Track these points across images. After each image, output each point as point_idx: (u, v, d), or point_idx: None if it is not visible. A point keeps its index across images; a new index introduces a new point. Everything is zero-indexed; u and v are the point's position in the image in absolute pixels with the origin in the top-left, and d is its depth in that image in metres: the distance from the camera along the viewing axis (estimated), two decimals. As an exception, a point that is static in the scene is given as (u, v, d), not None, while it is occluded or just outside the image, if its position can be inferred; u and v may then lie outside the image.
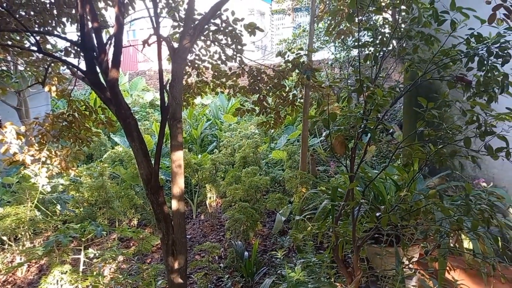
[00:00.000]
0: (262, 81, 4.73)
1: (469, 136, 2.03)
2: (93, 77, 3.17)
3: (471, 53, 1.89)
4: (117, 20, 3.04)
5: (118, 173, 5.99)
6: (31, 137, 4.56)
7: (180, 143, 3.16)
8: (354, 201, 2.02)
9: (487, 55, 1.87)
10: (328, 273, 2.29)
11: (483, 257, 2.21)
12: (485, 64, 1.87)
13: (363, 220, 2.36)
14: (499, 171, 3.42)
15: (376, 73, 1.99)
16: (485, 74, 1.95)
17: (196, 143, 8.31)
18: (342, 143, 1.98)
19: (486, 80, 1.91)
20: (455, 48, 1.98)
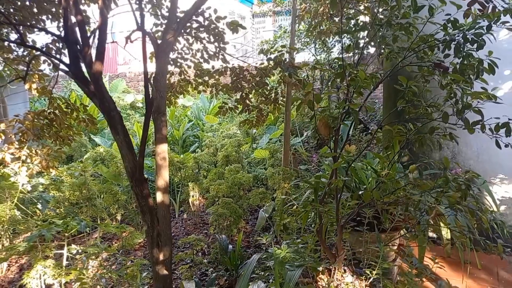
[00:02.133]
0: (245, 79, 4.82)
1: (447, 112, 2.17)
2: (77, 71, 3.18)
3: (448, 39, 2.02)
4: (101, 13, 3.08)
5: (100, 172, 5.95)
6: (11, 135, 4.51)
7: (164, 136, 3.21)
8: (338, 179, 2.13)
9: (463, 41, 2.01)
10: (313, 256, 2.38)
11: (460, 232, 2.33)
12: (461, 50, 2.01)
13: (346, 203, 2.47)
14: (475, 162, 3.60)
15: (358, 58, 2.11)
16: (461, 60, 2.10)
17: (178, 144, 8.32)
18: (326, 125, 2.08)
19: (462, 66, 2.05)
20: (433, 35, 2.11)
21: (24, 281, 3.31)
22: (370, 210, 2.23)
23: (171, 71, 5.17)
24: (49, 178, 5.67)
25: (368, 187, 2.80)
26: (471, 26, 2.01)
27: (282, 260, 2.16)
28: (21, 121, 4.43)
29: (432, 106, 2.13)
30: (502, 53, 3.46)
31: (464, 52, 2.01)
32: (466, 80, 2.06)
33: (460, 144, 3.42)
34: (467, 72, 2.05)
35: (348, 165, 2.29)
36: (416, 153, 3.54)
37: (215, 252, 4.09)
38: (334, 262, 2.23)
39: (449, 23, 2.06)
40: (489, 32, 2.00)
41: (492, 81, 3.51)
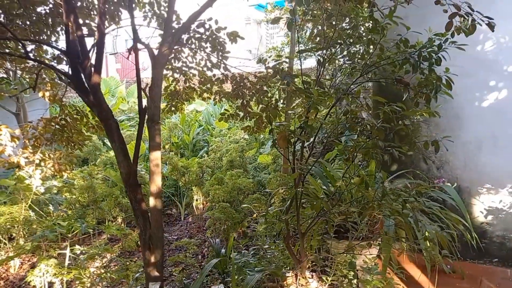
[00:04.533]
0: (245, 87, 4.95)
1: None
2: (77, 82, 3.39)
3: (403, 57, 2.10)
4: (99, 28, 3.28)
5: (109, 176, 6.21)
6: (26, 140, 4.79)
7: (158, 143, 3.37)
8: (294, 190, 2.22)
9: (418, 59, 2.08)
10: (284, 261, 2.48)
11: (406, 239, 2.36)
12: (417, 67, 2.08)
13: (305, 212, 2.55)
14: (462, 172, 3.60)
15: (318, 75, 2.20)
16: (425, 77, 2.16)
17: (188, 148, 8.53)
18: (284, 138, 2.18)
19: (421, 82, 2.12)
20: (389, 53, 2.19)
21: (28, 279, 3.54)
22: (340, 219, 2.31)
23: (177, 79, 5.35)
24: (61, 181, 5.96)
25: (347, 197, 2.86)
26: (424, 45, 2.07)
27: (243, 265, 2.26)
28: (35, 127, 4.73)
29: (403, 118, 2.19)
30: (488, 64, 3.47)
31: (419, 68, 2.07)
32: (428, 94, 2.11)
33: (448, 154, 3.43)
34: (428, 87, 2.10)
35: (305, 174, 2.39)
36: (405, 162, 3.57)
37: (212, 255, 4.22)
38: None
39: (401, 43, 2.13)
40: (442, 51, 2.05)
41: (478, 92, 3.52)
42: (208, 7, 3.73)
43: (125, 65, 17.43)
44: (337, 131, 3.39)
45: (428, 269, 2.84)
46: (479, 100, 3.48)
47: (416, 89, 2.14)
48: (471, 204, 3.60)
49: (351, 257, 2.56)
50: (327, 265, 2.57)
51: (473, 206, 3.60)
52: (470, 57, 3.22)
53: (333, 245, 2.71)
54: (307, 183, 2.86)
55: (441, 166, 3.55)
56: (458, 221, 2.99)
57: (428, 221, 2.60)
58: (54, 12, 4.55)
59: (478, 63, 3.44)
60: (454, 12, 2.54)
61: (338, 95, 2.25)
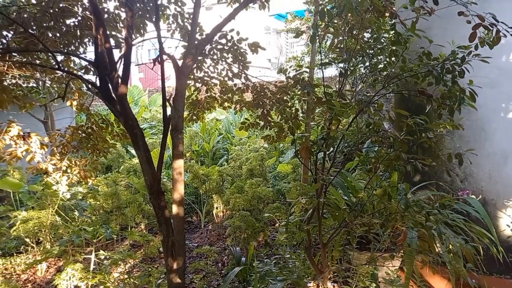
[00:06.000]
0: (266, 96, 5.00)
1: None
2: (105, 92, 3.52)
3: (426, 69, 2.10)
4: (126, 41, 3.41)
5: (132, 183, 6.35)
6: (54, 147, 4.98)
7: (181, 152, 3.45)
8: (316, 200, 2.23)
9: (440, 71, 2.07)
10: (305, 271, 2.49)
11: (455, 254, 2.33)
12: (438, 79, 2.07)
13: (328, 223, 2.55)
14: (487, 184, 3.52)
15: (340, 87, 2.23)
16: (449, 89, 2.16)
17: (208, 156, 8.64)
18: (307, 149, 2.20)
19: (444, 94, 2.11)
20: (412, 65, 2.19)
21: (55, 282, 3.66)
22: (362, 229, 2.30)
23: (199, 88, 5.46)
24: (86, 187, 6.14)
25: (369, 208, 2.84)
26: (447, 58, 2.06)
27: (265, 274, 2.28)
28: (62, 135, 4.91)
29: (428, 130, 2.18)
30: (511, 74, 3.40)
31: (442, 81, 2.06)
32: (451, 106, 2.10)
33: (472, 166, 3.36)
34: (451, 99, 2.09)
35: (326, 186, 2.39)
36: (428, 173, 3.52)
37: (232, 263, 4.25)
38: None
39: (424, 55, 2.13)
40: (466, 63, 2.04)
41: (503, 103, 3.44)
42: (231, 20, 3.82)
43: (148, 74, 17.85)
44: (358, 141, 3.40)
45: (453, 282, 2.78)
46: (504, 111, 3.40)
47: (439, 101, 2.14)
48: (497, 217, 3.50)
49: (373, 268, 2.54)
50: (349, 276, 2.56)
51: (499, 219, 3.50)
52: (495, 68, 3.17)
53: (354, 256, 2.70)
54: (328, 193, 2.87)
55: (465, 178, 3.48)
56: (483, 234, 2.92)
57: (452, 233, 2.55)
58: (82, 24, 4.75)
59: (503, 73, 3.38)
60: (478, 23, 2.52)
61: (360, 106, 2.26)
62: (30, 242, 5.28)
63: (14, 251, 5.38)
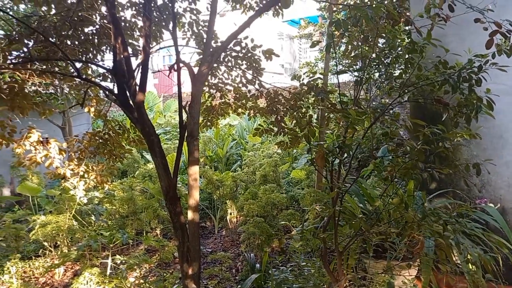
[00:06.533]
0: (279, 103, 5.02)
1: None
2: (123, 99, 3.59)
3: (442, 78, 2.09)
4: (144, 50, 3.48)
5: (148, 188, 6.43)
6: (72, 152, 5.08)
7: (196, 158, 3.49)
8: (330, 209, 2.23)
9: (457, 80, 2.06)
10: (321, 279, 2.48)
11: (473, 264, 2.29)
12: (455, 87, 2.06)
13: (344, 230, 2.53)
14: (506, 192, 3.45)
15: (355, 95, 2.23)
16: (465, 97, 2.14)
17: (221, 162, 8.69)
18: (322, 157, 2.21)
19: (461, 103, 2.09)
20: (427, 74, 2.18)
21: (73, 286, 3.72)
22: (378, 238, 2.29)
23: (213, 94, 5.52)
24: (103, 192, 6.24)
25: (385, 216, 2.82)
26: (463, 66, 2.05)
27: (282, 282, 2.29)
28: (80, 141, 5.02)
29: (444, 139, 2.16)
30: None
31: (458, 90, 2.05)
32: (468, 114, 2.08)
33: (490, 174, 3.30)
34: (468, 107, 2.07)
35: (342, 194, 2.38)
36: (445, 181, 3.47)
37: (246, 270, 4.26)
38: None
39: (440, 64, 2.12)
40: (482, 72, 2.02)
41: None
42: (246, 28, 3.86)
43: (163, 80, 18.10)
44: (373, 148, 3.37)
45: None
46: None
47: (455, 109, 2.12)
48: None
49: (390, 277, 2.51)
50: (364, 285, 2.54)
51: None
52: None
53: (370, 265, 2.68)
54: (343, 200, 2.86)
55: (482, 186, 3.42)
56: (502, 244, 2.86)
57: (470, 243, 2.51)
58: (100, 32, 4.86)
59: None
60: (494, 30, 2.49)
61: (376, 115, 2.26)
62: (48, 246, 5.39)
63: (33, 254, 5.49)
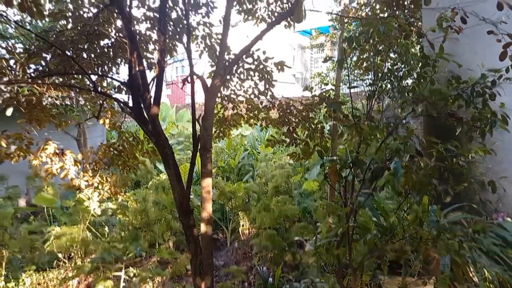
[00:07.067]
0: (291, 114, 5.03)
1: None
2: (138, 112, 3.65)
3: (455, 93, 2.06)
4: (159, 64, 3.53)
5: (161, 199, 6.46)
6: (86, 164, 5.15)
7: (209, 170, 3.50)
8: (345, 225, 2.20)
9: (470, 95, 2.03)
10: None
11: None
12: (468, 102, 2.03)
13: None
14: (524, 205, 3.37)
15: (368, 110, 2.22)
16: (479, 111, 2.11)
17: (233, 173, 8.69)
18: (335, 173, 2.19)
19: (475, 117, 2.06)
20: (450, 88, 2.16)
21: (87, 298, 3.73)
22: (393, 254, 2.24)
23: (225, 105, 5.55)
24: (116, 203, 6.29)
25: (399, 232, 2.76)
26: (477, 81, 2.02)
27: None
28: (95, 152, 5.09)
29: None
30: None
31: (472, 104, 2.02)
32: (483, 128, 2.05)
33: (507, 187, 3.22)
34: (482, 122, 2.04)
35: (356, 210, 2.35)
36: (460, 194, 3.39)
37: (259, 284, 4.21)
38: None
39: (453, 79, 2.09)
40: (494, 86, 1.98)
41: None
42: (258, 41, 3.89)
43: (176, 91, 18.30)
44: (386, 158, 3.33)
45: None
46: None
47: (469, 123, 2.09)
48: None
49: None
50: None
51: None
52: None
53: (385, 281, 2.63)
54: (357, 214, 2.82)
55: (499, 199, 3.33)
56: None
57: (488, 260, 2.44)
58: (115, 45, 4.96)
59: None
60: (508, 42, 2.46)
61: (389, 129, 2.24)
62: (62, 257, 5.43)
63: (47, 266, 5.54)
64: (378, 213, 2.93)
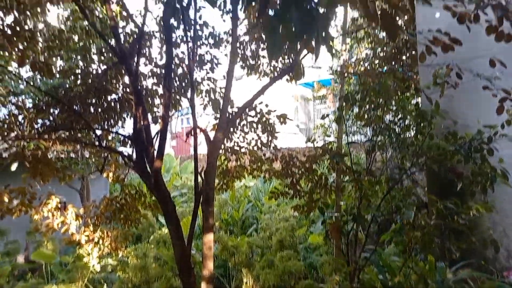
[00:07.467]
0: (295, 166, 5.02)
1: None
2: (141, 167, 3.66)
3: (453, 148, 2.06)
4: (163, 119, 3.61)
5: (162, 255, 6.27)
6: (88, 218, 5.08)
7: (211, 225, 3.43)
8: (350, 286, 2.09)
9: (468, 151, 2.03)
10: None
11: None
12: (468, 157, 2.03)
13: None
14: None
15: (368, 165, 2.21)
16: (479, 166, 2.09)
17: (237, 225, 8.51)
18: (337, 230, 2.13)
19: (475, 172, 2.05)
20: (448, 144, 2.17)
21: None
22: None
23: (229, 157, 5.57)
24: (116, 259, 6.11)
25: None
26: (473, 137, 2.04)
27: None
28: (97, 206, 5.04)
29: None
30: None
31: (471, 159, 2.02)
32: (483, 183, 2.02)
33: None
34: (482, 177, 2.02)
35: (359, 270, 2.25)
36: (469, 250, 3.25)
37: None
38: None
39: (450, 135, 2.11)
40: (491, 142, 2.00)
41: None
42: (260, 95, 4.00)
43: (180, 142, 18.54)
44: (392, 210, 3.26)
45: None
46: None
47: (469, 178, 2.07)
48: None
49: None
50: None
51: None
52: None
53: None
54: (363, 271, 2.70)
55: (509, 255, 3.18)
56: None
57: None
58: (122, 100, 5.10)
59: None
60: (504, 97, 2.50)
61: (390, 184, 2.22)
62: (57, 318, 5.18)
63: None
64: (384, 271, 2.81)
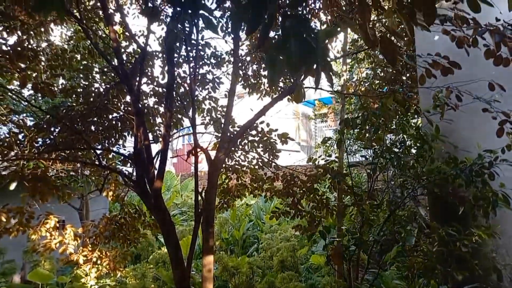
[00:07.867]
0: (296, 185, 4.98)
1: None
2: (142, 187, 3.63)
3: (454, 173, 2.05)
4: (164, 139, 3.60)
5: (161, 275, 6.16)
6: (86, 238, 5.01)
7: (211, 246, 3.37)
8: None
9: (469, 175, 2.02)
10: None
11: None
12: (469, 182, 2.01)
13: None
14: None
15: (369, 188, 2.18)
16: (480, 191, 2.07)
17: (237, 245, 8.39)
18: (339, 255, 2.09)
19: (476, 196, 2.02)
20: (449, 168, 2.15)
21: None
22: None
23: (230, 176, 5.54)
24: (115, 279, 5.99)
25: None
26: (474, 162, 2.03)
27: None
28: (96, 225, 4.98)
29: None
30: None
31: (472, 184, 2.00)
32: (485, 208, 1.99)
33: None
34: (484, 201, 2.00)
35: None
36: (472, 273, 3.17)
37: None
38: None
39: (450, 159, 2.10)
40: (492, 167, 1.98)
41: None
42: (262, 115, 4.00)
43: (181, 159, 18.50)
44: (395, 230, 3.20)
45: None
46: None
47: (471, 203, 2.05)
48: None
49: None
50: None
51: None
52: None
53: None
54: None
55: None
56: None
57: None
58: (123, 118, 5.11)
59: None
60: (504, 119, 2.49)
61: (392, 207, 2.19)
62: None
63: None
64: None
